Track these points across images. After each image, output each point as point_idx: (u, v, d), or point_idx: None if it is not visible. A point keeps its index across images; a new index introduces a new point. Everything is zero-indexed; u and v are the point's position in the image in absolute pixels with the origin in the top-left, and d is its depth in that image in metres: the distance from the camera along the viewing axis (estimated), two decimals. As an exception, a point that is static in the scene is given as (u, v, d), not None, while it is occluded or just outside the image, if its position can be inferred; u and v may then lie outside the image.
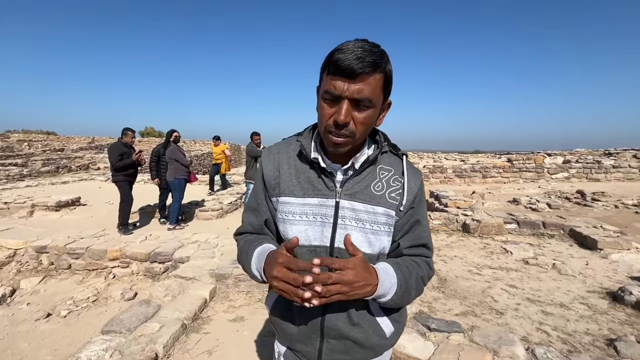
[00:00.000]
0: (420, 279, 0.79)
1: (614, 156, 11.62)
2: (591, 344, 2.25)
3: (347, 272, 0.63)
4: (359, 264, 0.65)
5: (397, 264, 0.76)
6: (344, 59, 0.64)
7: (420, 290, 0.80)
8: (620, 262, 3.72)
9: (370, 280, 0.67)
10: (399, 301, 0.74)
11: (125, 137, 5.00)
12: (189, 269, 3.30)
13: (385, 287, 0.70)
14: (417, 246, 0.82)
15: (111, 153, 4.82)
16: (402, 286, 0.73)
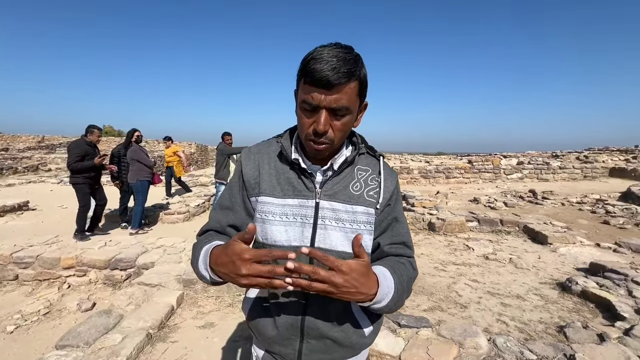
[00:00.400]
0: (410, 281, 0.78)
1: (560, 158, 12.70)
2: (544, 332, 2.45)
3: (338, 276, 0.59)
4: (358, 269, 0.61)
5: (393, 267, 0.75)
6: (320, 69, 0.64)
7: (410, 292, 0.79)
8: (567, 255, 4.08)
9: (366, 289, 0.63)
10: (393, 306, 0.71)
11: (90, 136, 4.59)
12: (153, 276, 3.14)
13: (382, 294, 0.67)
14: (397, 244, 0.82)
15: (71, 152, 4.39)
16: (398, 291, 0.71)
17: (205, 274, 0.70)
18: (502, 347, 2.01)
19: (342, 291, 0.60)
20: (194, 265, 0.74)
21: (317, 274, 0.57)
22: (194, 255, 0.75)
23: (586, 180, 11.52)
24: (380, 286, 0.66)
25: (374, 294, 0.65)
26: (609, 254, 4.09)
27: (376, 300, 0.66)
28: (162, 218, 5.72)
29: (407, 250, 0.83)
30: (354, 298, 0.62)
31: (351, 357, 0.81)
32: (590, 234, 5.07)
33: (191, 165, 19.07)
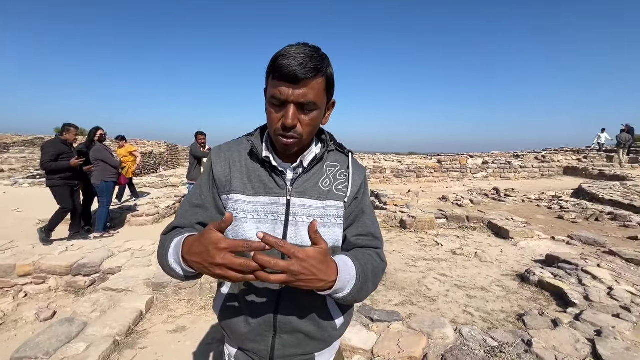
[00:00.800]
0: (375, 272, 0.78)
1: (521, 158, 13.52)
2: (505, 320, 2.61)
3: (295, 263, 0.58)
4: (316, 255, 0.60)
5: (356, 256, 0.76)
6: (287, 65, 0.67)
7: (376, 283, 0.78)
8: (526, 249, 4.36)
9: (324, 276, 0.62)
10: (357, 295, 0.71)
11: (66, 134, 4.35)
12: (120, 280, 3.01)
13: (343, 281, 0.67)
14: (363, 235, 0.83)
15: (45, 151, 4.13)
16: (360, 279, 0.71)
17: (175, 266, 0.69)
18: (467, 336, 2.13)
19: (301, 279, 0.59)
20: (163, 260, 0.72)
21: (277, 265, 0.57)
22: (163, 249, 0.73)
23: (544, 178, 12.35)
24: (340, 273, 0.66)
25: (334, 281, 0.64)
26: (562, 246, 4.42)
27: (337, 288, 0.66)
28: (130, 220, 5.48)
29: (374, 242, 0.84)
30: (313, 285, 0.61)
31: (324, 350, 0.83)
32: (546, 228, 5.45)
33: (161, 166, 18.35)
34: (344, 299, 0.70)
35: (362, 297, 0.74)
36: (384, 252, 0.86)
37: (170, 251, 0.70)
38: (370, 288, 0.75)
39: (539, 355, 1.89)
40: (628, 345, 1.99)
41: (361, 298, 0.74)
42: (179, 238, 0.71)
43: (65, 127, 4.39)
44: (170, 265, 0.70)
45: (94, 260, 3.42)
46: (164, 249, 0.73)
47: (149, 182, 9.94)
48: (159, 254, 0.75)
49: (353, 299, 0.71)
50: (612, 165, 12.96)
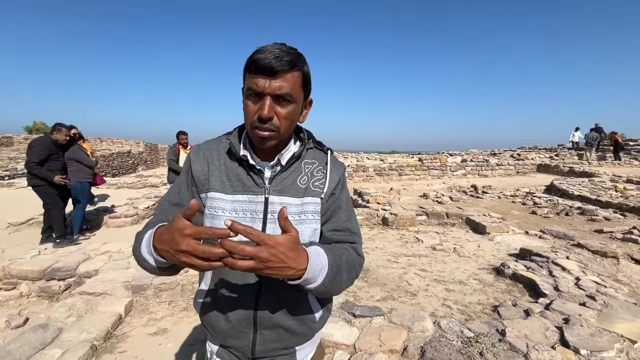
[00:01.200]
0: (350, 264, 0.78)
1: (497, 156, 14.02)
2: (481, 312, 2.72)
3: (264, 250, 0.57)
4: (285, 243, 0.59)
5: (328, 247, 0.76)
6: (263, 58, 0.69)
7: (352, 276, 0.78)
8: (502, 243, 4.54)
9: (294, 264, 0.61)
10: (330, 286, 0.69)
11: (57, 134, 4.18)
12: (98, 284, 2.93)
13: (314, 270, 0.66)
14: (339, 230, 0.84)
15: (33, 150, 3.98)
16: (333, 269, 0.70)
17: (147, 257, 0.68)
18: (445, 328, 2.21)
19: (270, 266, 0.58)
20: (137, 252, 0.72)
21: (243, 250, 0.55)
22: (137, 242, 0.73)
23: (519, 175, 12.85)
24: (310, 262, 0.65)
25: (304, 269, 0.63)
26: (535, 240, 4.63)
27: (307, 277, 0.65)
28: (107, 222, 5.32)
29: (350, 237, 0.84)
30: (283, 273, 0.61)
31: (304, 343, 0.85)
32: (521, 223, 5.69)
33: (139, 166, 17.82)
34: (316, 289, 0.68)
35: (336, 289, 0.73)
36: (361, 247, 0.86)
37: (144, 242, 0.70)
38: (344, 280, 0.75)
39: (511, 344, 1.99)
40: (592, 331, 2.13)
41: (334, 290, 0.73)
42: (152, 230, 0.70)
43: (57, 126, 4.25)
44: (143, 256, 0.69)
45: (69, 263, 3.31)
46: (138, 241, 0.73)
47: (127, 182, 9.64)
48: (134, 247, 0.74)
49: (326, 289, 0.70)
50: (581, 162, 13.66)
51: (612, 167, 12.89)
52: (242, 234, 0.56)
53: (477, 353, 1.93)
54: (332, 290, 0.73)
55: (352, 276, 0.79)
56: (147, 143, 21.22)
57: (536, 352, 1.91)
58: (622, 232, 4.75)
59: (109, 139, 20.90)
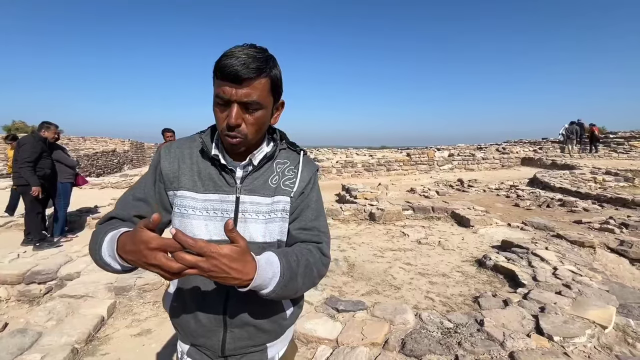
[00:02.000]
0: (311, 266, 0.77)
1: (483, 150, 14.25)
2: (462, 303, 2.79)
3: (205, 261, 0.57)
4: (229, 254, 0.59)
5: (286, 252, 0.75)
6: (230, 64, 0.68)
7: (311, 278, 0.77)
8: (485, 235, 4.65)
9: (237, 274, 0.61)
10: (282, 292, 0.70)
11: (45, 132, 4.11)
12: (79, 286, 2.88)
13: (263, 278, 0.66)
14: (306, 229, 0.83)
15: (24, 149, 3.89)
16: (285, 276, 0.69)
17: (110, 261, 0.68)
18: (426, 320, 2.26)
19: (212, 275, 0.59)
20: (96, 254, 0.70)
21: (183, 260, 0.56)
22: (96, 243, 0.71)
23: (504, 169, 13.11)
24: (259, 271, 0.64)
25: (250, 279, 0.63)
26: (517, 232, 4.75)
27: (256, 285, 0.65)
28: (90, 223, 5.21)
29: (316, 236, 0.84)
30: (227, 282, 0.61)
31: (275, 340, 0.86)
32: (504, 216, 5.82)
33: (125, 165, 17.49)
34: (268, 295, 0.69)
35: (290, 293, 0.73)
36: (327, 247, 0.85)
37: (104, 247, 0.69)
38: (300, 283, 0.74)
39: (488, 333, 2.05)
40: (566, 319, 2.21)
41: (289, 294, 0.73)
42: (112, 233, 0.70)
43: (45, 124, 4.18)
44: (104, 260, 0.69)
45: (49, 266, 3.25)
46: (97, 242, 0.71)
47: (111, 182, 9.47)
48: (91, 247, 0.73)
49: (280, 295, 0.70)
50: (563, 155, 14.01)
51: (592, 159, 13.28)
52: (185, 245, 0.56)
53: (455, 343, 1.99)
54: (286, 295, 0.73)
55: (312, 278, 0.78)
56: (133, 141, 20.82)
57: (512, 340, 1.97)
58: (600, 223, 4.91)
59: (93, 138, 20.42)
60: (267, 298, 0.70)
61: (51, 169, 4.21)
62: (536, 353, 1.86)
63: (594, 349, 2.01)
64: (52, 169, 4.23)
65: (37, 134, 4.15)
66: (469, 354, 1.88)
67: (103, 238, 0.70)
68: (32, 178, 3.93)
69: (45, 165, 4.11)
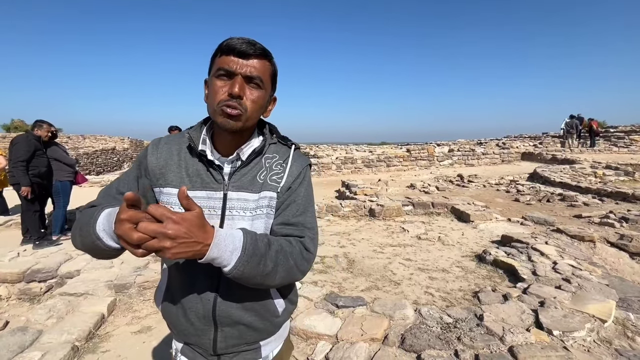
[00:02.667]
0: (287, 255, 0.73)
1: (483, 145, 14.22)
2: (462, 298, 2.79)
3: (170, 225, 0.55)
4: (191, 219, 0.57)
5: (255, 233, 0.72)
6: (235, 42, 0.72)
7: (286, 267, 0.73)
8: (485, 231, 4.64)
9: (201, 239, 0.59)
10: (246, 271, 0.66)
11: (38, 130, 4.11)
12: (79, 284, 2.88)
13: (223, 250, 0.63)
14: (288, 224, 0.80)
15: (18, 147, 3.88)
16: (247, 251, 0.66)
17: (103, 235, 0.65)
18: (426, 315, 2.26)
19: (178, 242, 0.56)
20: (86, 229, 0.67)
21: (146, 228, 0.54)
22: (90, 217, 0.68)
23: (504, 164, 13.08)
24: (217, 239, 0.62)
25: (208, 244, 0.61)
26: (517, 227, 4.75)
27: (214, 257, 0.62)
28: (90, 221, 5.21)
29: (298, 231, 0.80)
30: (191, 249, 0.58)
31: (268, 338, 0.85)
32: (504, 211, 5.82)
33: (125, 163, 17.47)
34: (231, 272, 0.65)
35: (259, 275, 0.69)
36: (312, 243, 0.81)
37: (101, 220, 0.67)
38: (270, 267, 0.70)
39: (488, 328, 2.05)
40: (566, 313, 2.21)
41: (258, 277, 0.69)
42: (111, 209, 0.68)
43: (38, 123, 4.18)
44: (97, 234, 0.65)
45: (49, 264, 3.25)
46: (91, 217, 0.68)
47: (111, 180, 9.46)
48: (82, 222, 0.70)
49: (245, 274, 0.66)
50: (563, 150, 13.97)
51: (592, 154, 13.25)
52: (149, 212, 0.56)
53: (455, 338, 1.99)
54: (254, 277, 0.68)
55: (287, 267, 0.73)
56: (133, 139, 20.80)
57: (511, 334, 1.97)
58: (600, 217, 4.91)
59: (92, 136, 20.39)
60: (233, 278, 0.66)
61: (47, 167, 4.20)
62: (535, 347, 1.86)
63: (594, 342, 2.01)
64: (47, 167, 4.21)
65: (31, 132, 4.16)
66: (469, 349, 1.89)
67: (99, 213, 0.68)
68: (23, 178, 3.91)
69: (40, 163, 4.10)
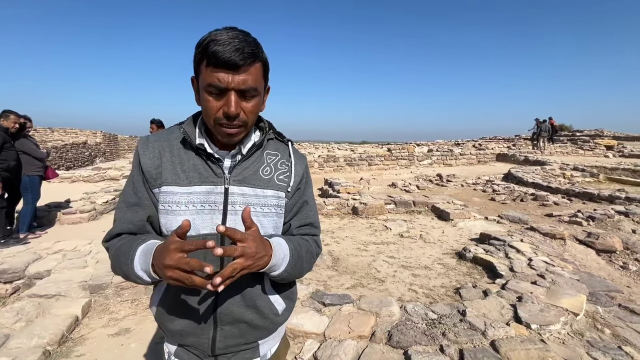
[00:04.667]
0: (310, 253, 0.83)
1: (461, 146, 14.67)
2: (445, 294, 2.86)
3: (250, 244, 0.63)
4: (257, 235, 0.66)
5: (288, 238, 0.79)
6: (223, 51, 0.64)
7: (311, 264, 0.84)
8: (464, 229, 4.79)
9: (266, 251, 0.68)
10: (291, 272, 0.76)
11: (5, 121, 3.81)
12: (50, 285, 2.72)
13: (278, 258, 0.72)
14: (305, 225, 0.86)
15: None
16: (294, 257, 0.76)
17: (142, 275, 0.68)
18: (411, 311, 2.30)
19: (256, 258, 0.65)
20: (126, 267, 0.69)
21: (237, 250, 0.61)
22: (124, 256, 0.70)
23: (480, 164, 13.56)
24: (274, 250, 0.70)
25: (271, 255, 0.69)
26: (494, 225, 4.93)
27: (272, 263, 0.70)
28: (60, 219, 4.94)
29: (313, 230, 0.88)
30: (262, 262, 0.67)
31: (267, 337, 0.84)
32: (481, 209, 6.02)
33: (97, 158, 16.71)
34: (280, 275, 0.75)
35: (297, 274, 0.80)
36: (320, 239, 0.92)
37: (137, 258, 0.69)
38: (305, 267, 0.81)
39: (471, 323, 2.11)
40: (542, 307, 2.31)
41: (296, 275, 0.80)
42: (145, 245, 0.70)
43: (4, 113, 3.88)
44: (137, 274, 0.69)
45: (16, 265, 3.05)
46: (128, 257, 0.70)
47: (82, 175, 9.02)
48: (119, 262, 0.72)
49: (288, 275, 0.77)
50: (535, 152, 14.65)
51: (561, 156, 13.98)
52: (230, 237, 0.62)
53: (440, 333, 2.03)
54: (294, 276, 0.80)
55: (311, 264, 0.84)
56: (106, 133, 19.91)
57: (493, 329, 2.04)
58: (569, 216, 5.18)
59: (62, 129, 19.31)
60: (277, 280, 0.77)
61: (16, 161, 3.94)
62: (515, 341, 1.94)
63: (568, 335, 2.11)
64: (16, 161, 3.95)
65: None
66: (453, 344, 1.93)
67: (135, 251, 0.70)
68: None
69: (9, 157, 3.83)
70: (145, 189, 0.78)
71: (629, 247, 3.90)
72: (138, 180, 0.78)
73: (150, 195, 0.78)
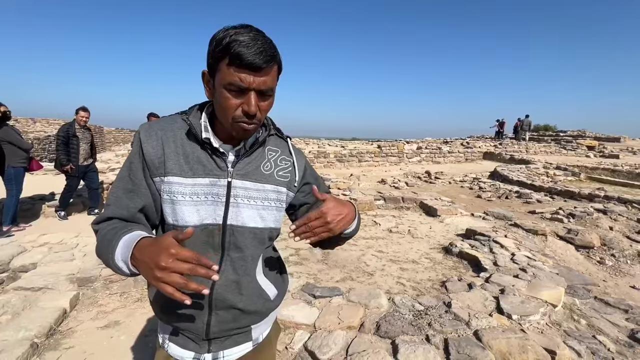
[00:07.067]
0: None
1: (449, 144, 14.88)
2: (431, 287, 2.95)
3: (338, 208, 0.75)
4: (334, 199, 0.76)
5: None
6: (247, 53, 0.67)
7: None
8: (451, 224, 4.90)
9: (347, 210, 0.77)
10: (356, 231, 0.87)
11: None
12: (37, 278, 2.69)
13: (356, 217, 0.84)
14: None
15: None
16: (359, 216, 0.88)
17: (122, 265, 0.68)
18: (399, 303, 2.37)
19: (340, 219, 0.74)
20: (108, 255, 0.69)
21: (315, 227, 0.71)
22: (107, 243, 0.70)
23: (467, 162, 13.80)
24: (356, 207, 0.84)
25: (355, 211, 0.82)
26: (480, 221, 5.06)
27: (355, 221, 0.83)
28: (45, 211, 4.84)
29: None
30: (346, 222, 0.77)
31: (259, 322, 0.87)
32: (468, 206, 6.16)
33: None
34: (351, 233, 0.85)
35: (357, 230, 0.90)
36: None
37: (119, 249, 0.68)
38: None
39: (455, 314, 2.19)
40: (523, 299, 2.41)
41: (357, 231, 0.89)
42: (129, 236, 0.69)
43: None
44: (116, 264, 0.69)
45: (0, 257, 2.99)
46: (111, 246, 0.70)
47: (67, 168, 8.78)
48: (102, 249, 0.72)
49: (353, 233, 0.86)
50: (520, 150, 15.00)
51: (545, 155, 14.36)
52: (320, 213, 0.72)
53: (426, 324, 2.11)
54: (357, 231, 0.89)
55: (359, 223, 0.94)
56: (91, 125, 19.41)
57: (476, 319, 2.12)
58: (551, 213, 5.36)
59: (44, 120, 18.70)
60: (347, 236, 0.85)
61: None
62: (497, 330, 2.02)
63: (546, 325, 2.22)
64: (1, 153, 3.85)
65: None
66: (439, 334, 2.01)
67: (118, 240, 0.69)
68: None
69: None
70: (144, 177, 0.78)
71: (606, 244, 4.08)
72: (137, 167, 0.78)
73: (149, 183, 0.78)
